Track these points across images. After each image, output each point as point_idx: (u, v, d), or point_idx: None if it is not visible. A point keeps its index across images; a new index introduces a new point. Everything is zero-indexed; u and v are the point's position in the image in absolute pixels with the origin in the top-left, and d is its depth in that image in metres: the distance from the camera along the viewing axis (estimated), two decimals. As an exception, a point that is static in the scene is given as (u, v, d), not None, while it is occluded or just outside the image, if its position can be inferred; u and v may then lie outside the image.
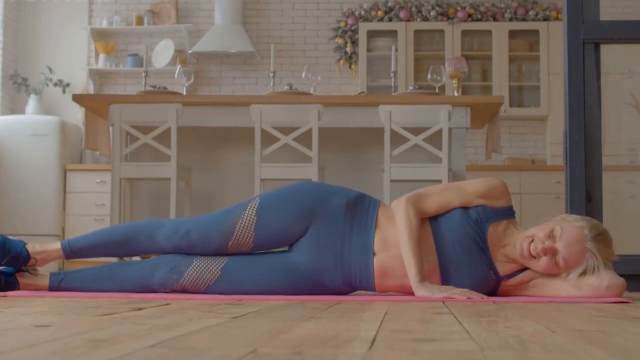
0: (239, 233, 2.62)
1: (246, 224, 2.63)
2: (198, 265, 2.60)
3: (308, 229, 2.62)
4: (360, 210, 2.64)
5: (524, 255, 2.51)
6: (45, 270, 2.73)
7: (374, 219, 2.61)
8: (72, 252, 2.69)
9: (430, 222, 2.59)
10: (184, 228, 2.66)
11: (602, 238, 2.48)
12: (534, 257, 2.49)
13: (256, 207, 2.65)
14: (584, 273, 2.47)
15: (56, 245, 2.70)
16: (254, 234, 2.62)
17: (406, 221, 2.52)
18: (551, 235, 2.47)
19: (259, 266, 2.62)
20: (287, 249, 2.69)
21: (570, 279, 2.49)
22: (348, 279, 2.60)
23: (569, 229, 2.47)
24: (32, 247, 2.69)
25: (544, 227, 2.50)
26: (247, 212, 2.64)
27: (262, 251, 2.68)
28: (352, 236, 2.60)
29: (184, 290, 2.60)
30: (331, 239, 2.60)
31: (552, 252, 2.47)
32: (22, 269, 2.66)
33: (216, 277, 2.59)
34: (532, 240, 2.49)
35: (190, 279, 2.59)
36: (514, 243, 2.55)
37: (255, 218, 2.63)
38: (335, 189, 2.72)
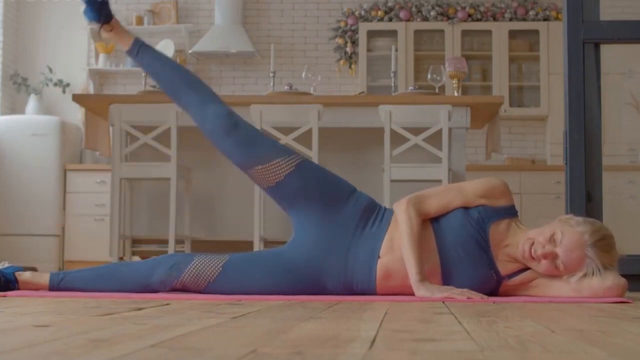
0: (273, 167, 2.66)
1: (284, 165, 2.66)
2: (198, 263, 2.60)
3: (319, 214, 2.62)
4: (374, 217, 2.65)
5: (525, 257, 2.52)
6: (45, 271, 2.73)
7: (386, 226, 2.62)
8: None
9: (431, 222, 2.60)
10: (236, 117, 2.76)
11: (603, 244, 2.47)
12: (535, 260, 2.50)
13: (299, 161, 2.68)
14: (584, 276, 2.47)
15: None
16: (283, 177, 2.65)
17: (407, 222, 2.53)
18: (552, 240, 2.47)
19: (260, 264, 2.61)
20: (286, 248, 2.68)
21: (572, 281, 2.49)
22: (349, 283, 2.60)
23: (570, 234, 2.46)
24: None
25: (545, 231, 2.50)
26: (290, 158, 2.68)
27: (275, 198, 2.73)
28: (361, 240, 2.60)
29: (184, 288, 2.59)
30: (339, 240, 2.60)
31: (552, 257, 2.47)
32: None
33: (217, 274, 2.58)
34: (533, 243, 2.49)
35: (191, 275, 2.58)
36: (517, 242, 2.55)
37: (293, 168, 2.66)
38: (358, 193, 2.72)
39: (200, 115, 2.75)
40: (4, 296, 2.39)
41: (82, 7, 2.88)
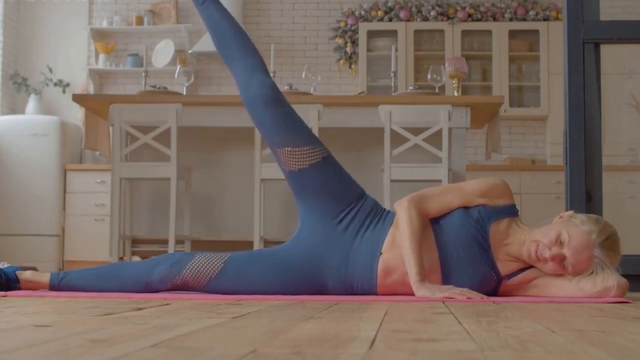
0: (302, 153, 2.66)
1: (312, 154, 2.67)
2: (199, 260, 2.60)
3: (327, 211, 2.63)
4: (377, 219, 2.65)
5: (531, 259, 2.51)
6: (46, 270, 2.73)
7: (388, 228, 2.61)
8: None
9: (431, 222, 2.60)
10: (279, 93, 2.74)
11: (609, 243, 2.47)
12: (541, 261, 2.50)
13: (325, 154, 2.68)
14: (588, 274, 2.47)
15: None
16: (307, 166, 2.65)
17: (408, 222, 2.53)
18: (557, 241, 2.47)
19: (261, 263, 2.61)
20: (289, 245, 2.68)
21: (575, 280, 2.49)
22: (350, 283, 2.59)
23: (577, 235, 2.46)
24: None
25: (549, 233, 2.49)
26: (319, 149, 2.68)
27: (294, 187, 2.71)
28: (363, 241, 2.60)
29: (185, 284, 2.58)
30: (342, 239, 2.60)
31: (559, 259, 2.47)
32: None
33: (218, 270, 2.58)
34: (539, 245, 2.49)
35: (192, 272, 2.58)
36: (518, 241, 2.55)
37: (319, 160, 2.67)
38: (366, 196, 2.74)
39: (246, 82, 2.74)
40: (4, 296, 2.39)
41: None
